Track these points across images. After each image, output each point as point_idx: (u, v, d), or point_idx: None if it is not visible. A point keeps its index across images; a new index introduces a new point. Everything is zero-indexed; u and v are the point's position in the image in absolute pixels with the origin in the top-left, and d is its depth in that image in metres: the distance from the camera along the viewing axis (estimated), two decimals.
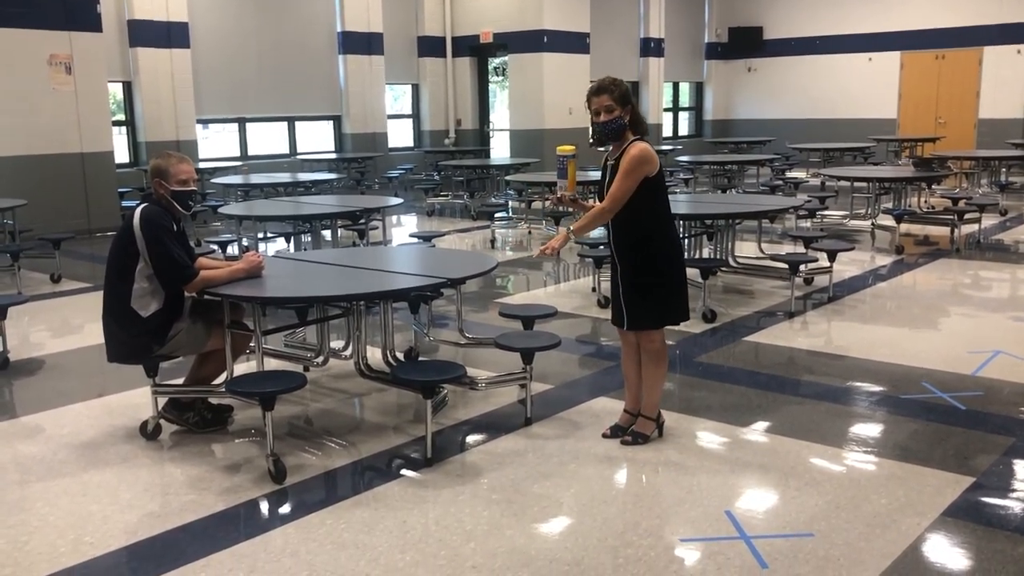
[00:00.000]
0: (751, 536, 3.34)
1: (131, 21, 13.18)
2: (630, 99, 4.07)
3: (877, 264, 8.81)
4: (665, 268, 4.11)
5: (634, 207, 4.01)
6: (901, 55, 19.60)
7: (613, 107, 4.00)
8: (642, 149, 3.98)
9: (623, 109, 4.01)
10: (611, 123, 4.02)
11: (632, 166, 3.94)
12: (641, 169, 3.95)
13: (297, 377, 4.05)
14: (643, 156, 3.96)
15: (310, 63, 15.66)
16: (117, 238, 4.28)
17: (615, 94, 4.01)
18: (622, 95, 4.02)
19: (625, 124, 4.04)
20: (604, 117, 4.01)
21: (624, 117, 4.02)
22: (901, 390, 5.01)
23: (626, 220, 4.06)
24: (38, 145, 10.91)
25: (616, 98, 4.00)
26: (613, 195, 3.98)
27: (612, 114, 4.01)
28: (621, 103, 4.01)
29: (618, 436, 4.27)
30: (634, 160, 3.94)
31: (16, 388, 5.54)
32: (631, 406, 4.36)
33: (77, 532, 3.48)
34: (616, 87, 4.03)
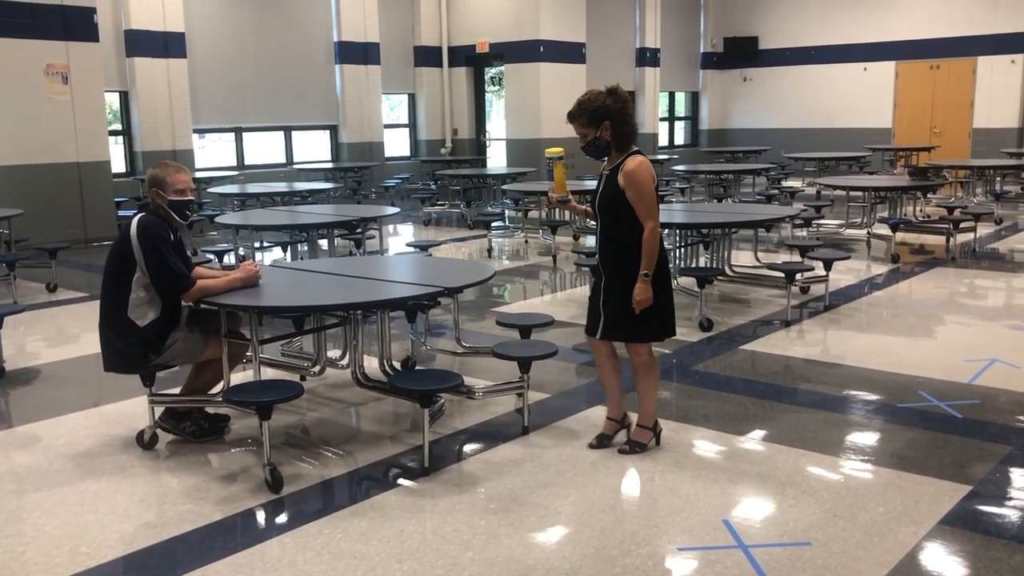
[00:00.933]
0: (749, 545, 3.34)
1: (128, 31, 13.20)
2: (605, 115, 3.98)
3: (873, 273, 8.83)
4: (660, 283, 4.08)
5: (624, 219, 4.01)
6: (896, 65, 19.69)
7: (586, 132, 4.02)
8: (639, 163, 3.98)
9: (597, 128, 3.99)
10: (589, 146, 4.05)
11: (640, 183, 3.95)
12: (648, 181, 3.98)
13: (294, 386, 4.05)
14: (644, 169, 3.98)
15: (307, 73, 15.69)
16: (114, 247, 4.28)
17: (583, 119, 4.01)
18: (592, 115, 3.98)
19: (603, 142, 4.02)
20: (582, 142, 4.07)
21: (602, 134, 4.00)
22: (898, 399, 5.02)
23: (617, 232, 4.06)
24: (35, 154, 10.91)
25: (585, 123, 4.00)
26: (647, 214, 3.96)
27: (586, 138, 4.03)
28: (593, 123, 3.99)
29: (604, 446, 4.25)
30: (639, 178, 3.95)
31: (12, 398, 5.53)
32: (614, 413, 4.36)
33: (74, 542, 3.47)
34: (584, 111, 4.00)
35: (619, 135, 4.02)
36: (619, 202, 4.01)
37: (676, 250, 7.54)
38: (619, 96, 4.04)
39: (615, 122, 4.00)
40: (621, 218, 4.01)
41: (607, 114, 3.98)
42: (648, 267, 3.97)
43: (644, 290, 3.98)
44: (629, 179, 3.96)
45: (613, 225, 4.07)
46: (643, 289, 3.98)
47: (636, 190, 3.96)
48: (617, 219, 4.03)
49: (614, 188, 4.02)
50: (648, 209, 3.97)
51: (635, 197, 3.96)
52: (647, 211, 3.97)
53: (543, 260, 9.93)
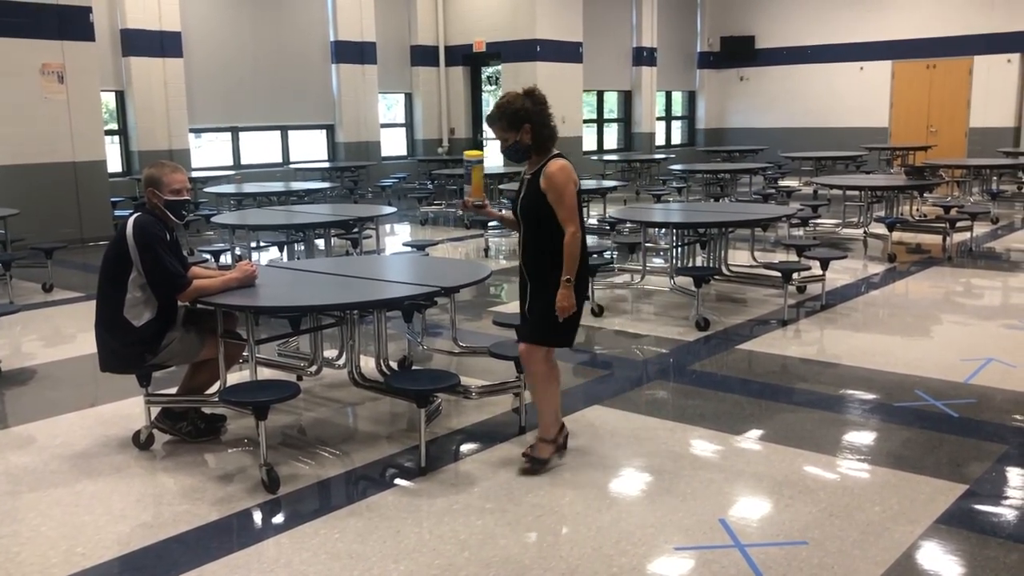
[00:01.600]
0: (745, 544, 3.34)
1: (124, 30, 13.18)
2: (524, 118, 3.88)
3: (870, 272, 8.84)
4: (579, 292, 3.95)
5: (547, 224, 3.89)
6: (892, 64, 19.70)
7: (505, 136, 3.93)
8: (560, 166, 3.88)
9: (517, 132, 3.90)
10: (510, 149, 3.97)
11: (561, 187, 3.83)
12: (570, 185, 3.86)
13: (290, 386, 4.04)
14: (565, 173, 3.87)
15: (303, 72, 15.67)
16: (110, 247, 4.27)
17: (502, 123, 3.92)
18: (511, 119, 3.89)
19: (524, 146, 3.93)
20: (502, 146, 3.99)
21: (522, 138, 3.91)
22: (894, 398, 5.02)
23: (539, 237, 3.93)
24: (30, 154, 10.89)
25: (504, 126, 3.92)
26: (568, 219, 3.84)
27: (507, 142, 3.95)
28: (513, 127, 3.90)
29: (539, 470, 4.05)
30: (560, 181, 3.84)
31: (8, 398, 5.52)
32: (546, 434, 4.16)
33: (69, 543, 3.46)
34: (502, 115, 3.91)
35: (539, 138, 3.92)
36: (541, 207, 3.89)
37: (673, 249, 7.54)
38: (537, 98, 3.96)
39: (535, 125, 3.90)
40: (544, 223, 3.90)
41: (526, 117, 3.89)
42: (570, 272, 3.85)
43: (567, 296, 3.86)
44: (550, 182, 3.85)
45: (536, 231, 3.94)
46: (566, 295, 3.86)
47: (557, 193, 3.84)
48: (539, 224, 3.91)
49: (536, 192, 3.90)
50: (569, 213, 3.85)
51: (556, 200, 3.85)
52: (568, 215, 3.85)
53: None
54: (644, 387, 5.41)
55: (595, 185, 12.41)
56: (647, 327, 6.77)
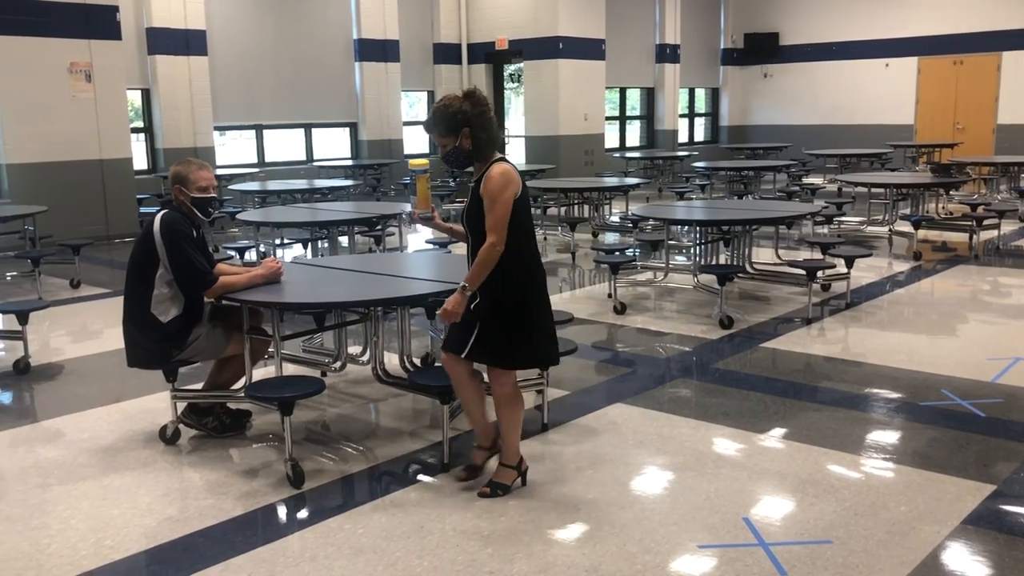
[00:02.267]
0: (769, 543, 3.33)
1: (150, 29, 13.29)
2: (463, 122, 3.67)
3: (895, 270, 8.77)
4: (524, 303, 3.72)
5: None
6: (918, 60, 19.51)
7: (444, 142, 3.74)
8: (501, 171, 3.64)
9: (454, 137, 3.69)
10: (449, 156, 3.77)
11: (495, 193, 3.60)
12: (507, 192, 3.61)
13: (315, 382, 4.07)
14: (504, 179, 3.62)
15: (326, 70, 15.74)
16: (137, 244, 4.31)
17: (439, 128, 3.72)
18: (449, 124, 3.68)
19: (463, 150, 3.72)
20: (441, 152, 3.79)
21: (461, 143, 3.70)
22: (920, 397, 4.98)
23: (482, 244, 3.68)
24: (58, 152, 11.03)
25: (442, 131, 3.71)
26: (493, 228, 3.60)
27: (446, 148, 3.75)
28: (452, 132, 3.69)
29: (475, 476, 3.90)
30: (495, 186, 3.61)
31: (37, 393, 5.59)
32: (483, 441, 3.99)
33: (98, 535, 3.51)
34: (439, 121, 3.71)
35: (478, 142, 3.70)
36: (481, 215, 3.66)
37: (696, 247, 7.51)
38: (477, 100, 3.72)
39: (474, 128, 3.68)
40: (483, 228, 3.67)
41: (465, 120, 3.67)
42: (472, 282, 3.62)
43: (457, 302, 3.63)
44: (486, 188, 3.63)
45: (480, 241, 3.67)
46: (457, 301, 3.63)
47: (490, 199, 3.61)
48: (484, 234, 3.65)
49: (478, 200, 3.68)
50: (495, 222, 3.58)
51: (488, 206, 3.61)
52: (493, 224, 3.59)
53: (562, 257, 9.93)
54: (667, 385, 5.40)
55: (617, 182, 12.39)
56: (670, 325, 6.75)
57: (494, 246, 3.60)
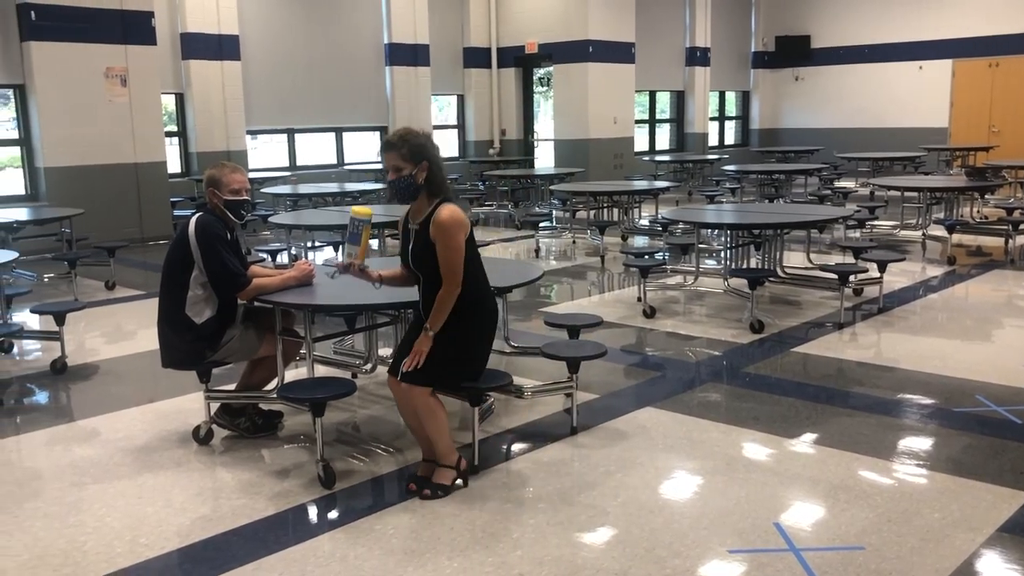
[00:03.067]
0: (801, 548, 3.31)
1: (184, 34, 13.45)
2: (426, 154, 3.74)
3: (928, 275, 8.67)
4: (467, 332, 3.83)
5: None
6: (953, 63, 19.28)
7: (401, 166, 3.73)
8: (451, 213, 3.70)
9: (415, 166, 3.72)
10: (399, 182, 3.75)
11: (448, 237, 3.67)
12: (459, 235, 3.69)
13: (347, 384, 4.10)
14: (454, 222, 3.69)
15: (357, 74, 15.84)
16: (172, 246, 4.37)
17: (403, 151, 3.72)
18: (413, 151, 3.72)
19: (416, 183, 3.74)
20: (392, 176, 3.75)
21: (417, 175, 3.73)
22: (954, 403, 4.93)
23: (438, 284, 3.75)
24: (94, 155, 11.20)
25: (405, 155, 3.72)
26: (448, 274, 3.69)
27: (400, 173, 3.74)
28: (413, 159, 3.72)
29: (424, 487, 3.85)
30: (448, 229, 3.67)
31: (73, 392, 5.69)
32: (428, 455, 4.00)
33: (133, 533, 3.56)
34: (405, 143, 3.73)
35: (435, 179, 3.76)
36: (433, 258, 3.73)
37: (727, 251, 7.48)
38: (435, 143, 3.86)
39: (433, 165, 3.74)
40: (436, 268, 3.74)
41: (427, 154, 3.74)
42: (434, 324, 3.72)
43: (425, 342, 3.73)
44: (438, 230, 3.68)
45: (433, 281, 3.76)
46: (424, 341, 3.73)
47: (444, 244, 3.68)
48: (438, 275, 3.73)
49: (427, 242, 3.73)
50: (451, 269, 3.68)
51: (441, 252, 3.68)
52: (450, 271, 3.68)
53: (591, 260, 9.92)
54: (697, 389, 5.37)
55: (647, 186, 12.36)
56: (700, 329, 6.72)
57: (451, 292, 3.71)
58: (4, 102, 11.64)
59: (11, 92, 11.24)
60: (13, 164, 11.66)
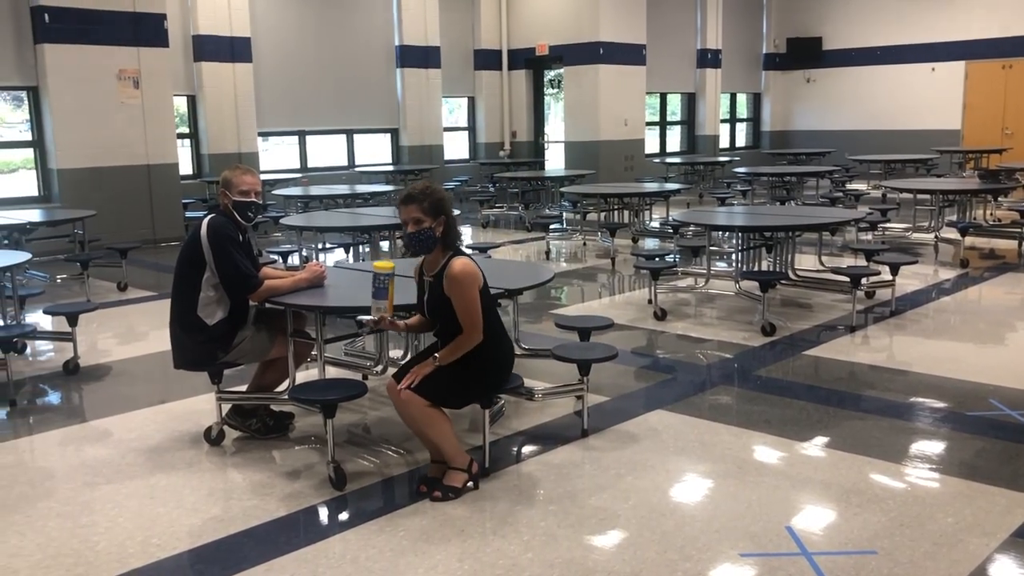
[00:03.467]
0: (813, 553, 3.29)
1: (196, 36, 13.50)
2: (444, 209, 3.85)
3: (941, 278, 8.63)
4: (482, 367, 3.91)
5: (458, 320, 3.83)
6: (966, 65, 19.19)
7: (422, 219, 3.81)
8: (463, 266, 3.80)
9: (434, 220, 3.82)
10: (418, 235, 3.83)
11: (463, 289, 3.78)
12: (473, 288, 3.80)
13: (358, 385, 4.10)
14: (466, 275, 3.79)
15: (368, 77, 15.87)
16: (184, 248, 4.39)
17: (424, 204, 3.81)
18: (433, 205, 3.82)
19: (435, 236, 3.84)
20: (412, 228, 3.83)
21: (435, 229, 3.83)
22: (967, 407, 4.90)
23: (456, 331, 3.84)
24: (107, 157, 11.26)
25: (426, 209, 3.81)
26: (468, 323, 3.78)
27: (420, 225, 3.82)
28: (432, 213, 3.82)
29: (435, 489, 3.87)
30: (461, 283, 3.78)
31: (85, 393, 5.71)
32: (437, 456, 4.02)
33: (145, 534, 3.57)
34: (427, 196, 3.83)
35: (451, 233, 3.88)
36: (448, 309, 3.83)
37: (738, 253, 7.46)
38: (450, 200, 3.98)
39: (450, 220, 3.87)
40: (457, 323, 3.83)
41: (445, 210, 3.86)
42: (443, 359, 3.81)
43: (427, 367, 3.81)
44: (452, 284, 3.79)
45: (451, 328, 3.85)
46: (427, 366, 3.81)
47: (459, 296, 3.78)
48: (456, 323, 3.82)
49: (440, 295, 3.84)
50: (471, 320, 3.78)
51: (458, 304, 3.78)
52: (469, 318, 3.78)
53: (601, 262, 9.91)
54: (708, 392, 5.36)
55: (658, 188, 12.35)
56: (711, 331, 6.71)
57: (473, 338, 3.81)
58: (18, 104, 11.72)
59: (25, 94, 11.30)
60: (26, 165, 11.73)
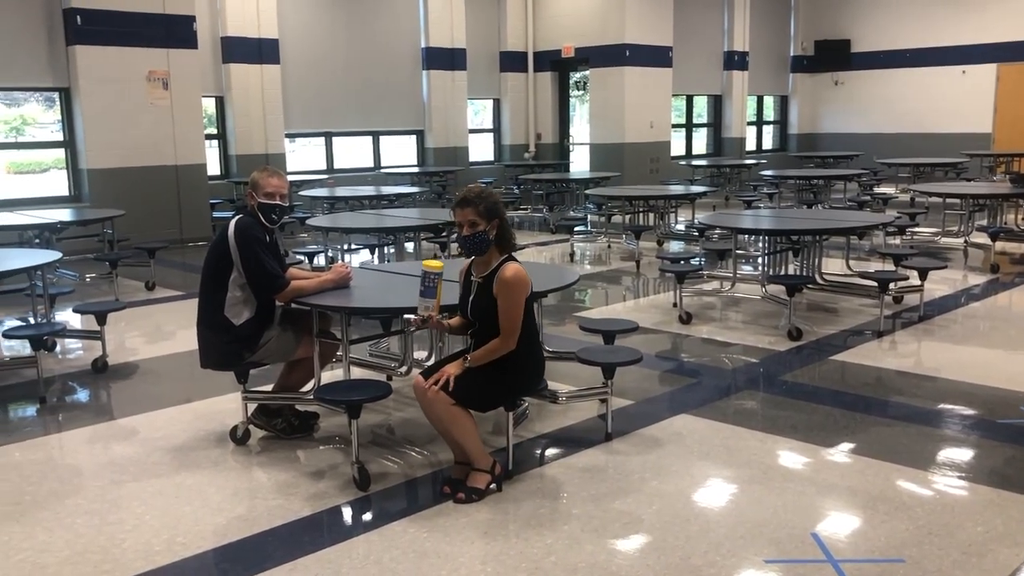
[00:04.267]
0: (839, 560, 3.26)
1: (224, 38, 13.61)
2: (498, 212, 3.89)
3: (970, 283, 8.53)
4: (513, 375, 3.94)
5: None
6: (997, 67, 18.94)
7: (477, 222, 3.84)
8: (516, 272, 3.84)
9: (489, 223, 3.86)
10: (473, 238, 3.86)
11: (513, 293, 3.81)
12: (522, 295, 3.83)
13: (382, 386, 4.12)
14: (518, 280, 3.82)
15: (394, 79, 15.93)
16: (212, 248, 4.42)
17: (480, 208, 3.85)
18: (488, 208, 3.86)
19: (490, 240, 3.87)
20: (467, 231, 3.86)
21: (489, 232, 3.86)
22: (997, 414, 4.83)
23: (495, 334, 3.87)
24: (136, 157, 11.37)
25: (481, 212, 3.84)
26: (508, 328, 3.81)
27: (475, 228, 3.85)
28: (487, 217, 3.85)
29: (458, 490, 3.87)
30: (513, 287, 3.81)
31: (113, 391, 5.77)
32: (461, 457, 4.02)
33: (171, 532, 3.60)
34: (482, 200, 3.87)
35: (504, 235, 3.92)
36: (495, 312, 3.85)
37: (764, 257, 7.41)
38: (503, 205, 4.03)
39: (503, 223, 3.91)
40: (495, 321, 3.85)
41: (499, 212, 3.90)
42: (475, 360, 3.83)
43: (457, 368, 3.82)
44: (503, 286, 3.81)
45: (490, 332, 3.88)
46: (457, 367, 3.82)
47: (506, 299, 3.81)
48: (494, 324, 3.86)
49: (489, 296, 3.86)
50: (511, 326, 3.81)
51: (503, 308, 3.81)
52: (509, 327, 3.81)
53: (626, 265, 9.88)
54: (733, 396, 5.33)
55: (683, 190, 12.30)
56: (736, 335, 6.67)
57: (507, 344, 3.85)
58: (50, 105, 11.87)
59: (56, 95, 11.44)
60: (57, 165, 11.89)
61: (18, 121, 12.23)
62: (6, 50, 10.84)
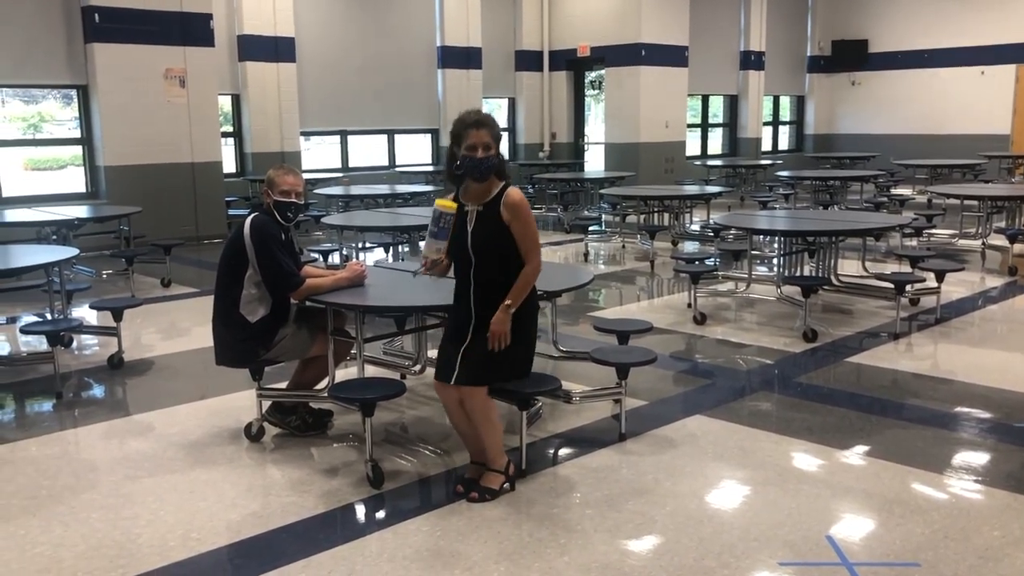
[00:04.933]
0: (853, 563, 3.24)
1: (241, 36, 13.66)
2: (499, 139, 3.84)
3: (988, 286, 8.47)
4: (529, 326, 3.88)
5: (506, 257, 3.78)
6: (1017, 68, 18.79)
7: (491, 144, 3.75)
8: (520, 194, 3.80)
9: (497, 147, 3.79)
10: (488, 160, 3.74)
11: (526, 213, 3.76)
12: (532, 214, 3.79)
13: (396, 385, 4.12)
14: (525, 201, 3.79)
15: (410, 77, 15.95)
16: (227, 246, 4.44)
17: (495, 130, 3.78)
18: (496, 134, 3.79)
19: (494, 163, 3.78)
20: (482, 153, 3.72)
21: (496, 157, 3.79)
22: (1014, 418, 4.80)
23: (494, 272, 3.78)
24: (152, 155, 11.43)
25: (494, 136, 3.77)
26: (532, 248, 3.76)
27: (489, 151, 3.74)
28: (496, 141, 3.78)
29: (472, 490, 3.85)
30: (523, 207, 3.76)
31: (129, 387, 5.80)
32: (476, 457, 3.99)
33: (185, 528, 3.61)
34: (494, 124, 3.81)
35: (503, 162, 3.85)
36: (501, 239, 3.75)
37: (780, 258, 7.38)
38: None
39: (498, 148, 3.82)
40: (502, 256, 3.76)
41: (499, 139, 3.83)
42: (516, 301, 3.73)
43: (504, 321, 3.71)
44: (516, 211, 3.74)
45: (493, 265, 3.77)
46: (503, 320, 3.71)
47: (523, 223, 3.75)
48: (499, 258, 3.76)
49: (494, 223, 3.76)
50: (535, 243, 3.77)
51: (522, 231, 3.75)
52: (533, 245, 3.77)
53: (640, 265, 9.86)
54: (747, 398, 5.31)
55: (698, 190, 12.26)
56: (751, 337, 6.64)
57: (537, 268, 3.78)
58: (68, 102, 11.95)
59: (75, 92, 11.52)
60: (75, 162, 11.96)
61: (36, 118, 12.31)
62: (25, 47, 10.92)
